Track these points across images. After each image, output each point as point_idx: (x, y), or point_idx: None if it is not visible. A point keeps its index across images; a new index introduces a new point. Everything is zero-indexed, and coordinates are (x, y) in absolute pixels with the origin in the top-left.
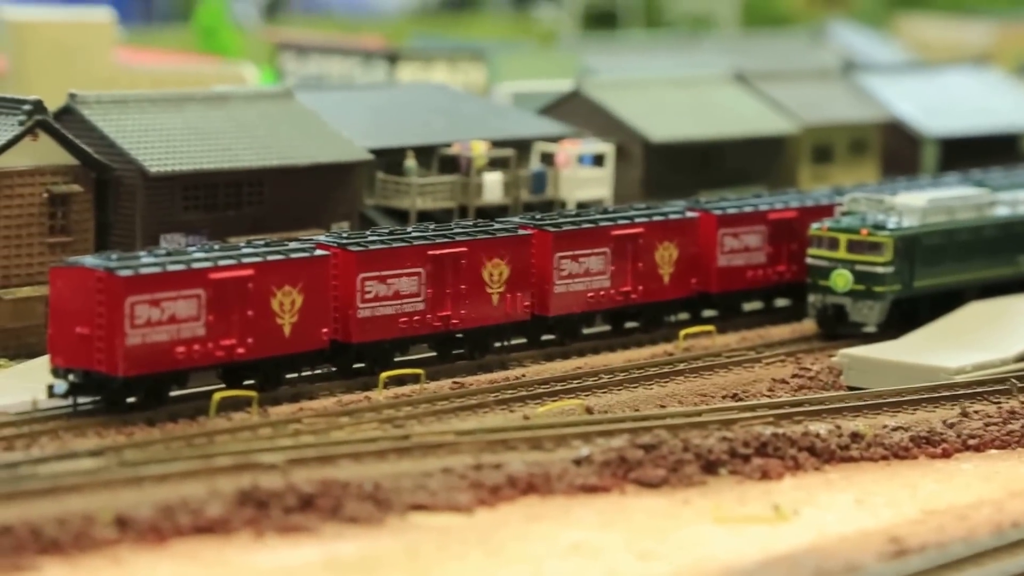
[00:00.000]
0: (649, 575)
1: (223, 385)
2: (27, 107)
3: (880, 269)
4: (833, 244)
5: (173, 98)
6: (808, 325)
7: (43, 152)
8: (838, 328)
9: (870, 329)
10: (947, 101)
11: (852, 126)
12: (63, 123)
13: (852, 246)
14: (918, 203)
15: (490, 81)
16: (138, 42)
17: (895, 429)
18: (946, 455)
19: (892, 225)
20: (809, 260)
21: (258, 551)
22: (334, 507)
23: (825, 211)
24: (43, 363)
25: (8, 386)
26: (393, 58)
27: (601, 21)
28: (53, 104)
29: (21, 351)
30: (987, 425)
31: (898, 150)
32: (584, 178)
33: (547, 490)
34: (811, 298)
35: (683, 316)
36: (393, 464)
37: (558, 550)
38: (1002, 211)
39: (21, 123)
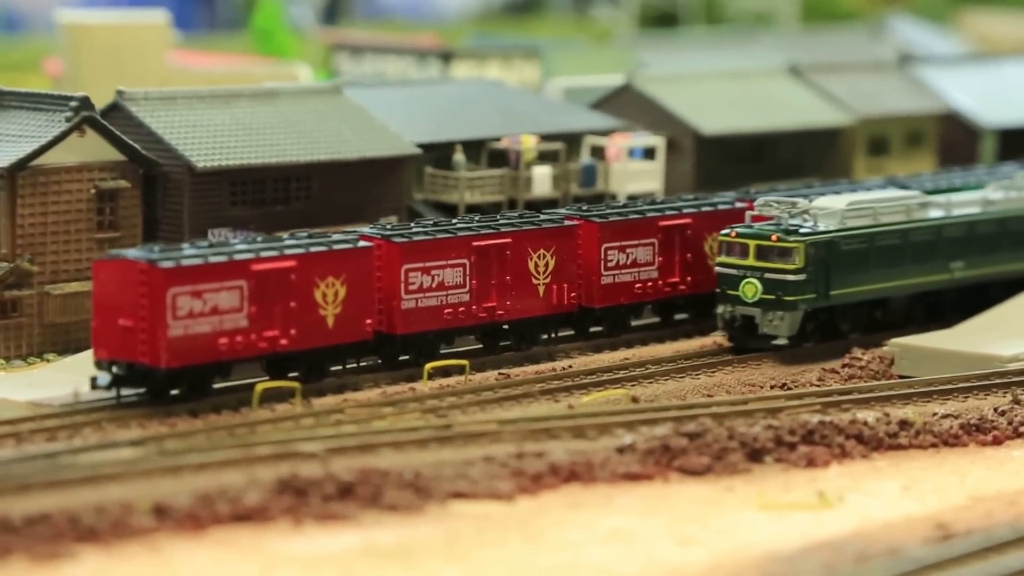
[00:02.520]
0: (688, 561)
1: (267, 377)
2: (74, 103)
3: (791, 277)
4: (743, 251)
5: (221, 94)
6: None
7: (90, 148)
8: (748, 341)
9: (781, 342)
10: (1005, 92)
11: (908, 118)
12: (111, 120)
13: (761, 253)
14: (836, 206)
15: (544, 79)
16: (196, 46)
17: (945, 417)
18: (997, 442)
19: (805, 230)
20: (717, 268)
21: (296, 539)
22: (374, 495)
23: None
24: (89, 357)
25: (54, 379)
26: (447, 57)
27: (661, 21)
28: None
29: (70, 346)
30: None
31: (955, 142)
32: (635, 171)
33: (589, 478)
34: (720, 308)
35: None
36: (434, 453)
37: (598, 536)
38: (934, 213)
39: (68, 119)
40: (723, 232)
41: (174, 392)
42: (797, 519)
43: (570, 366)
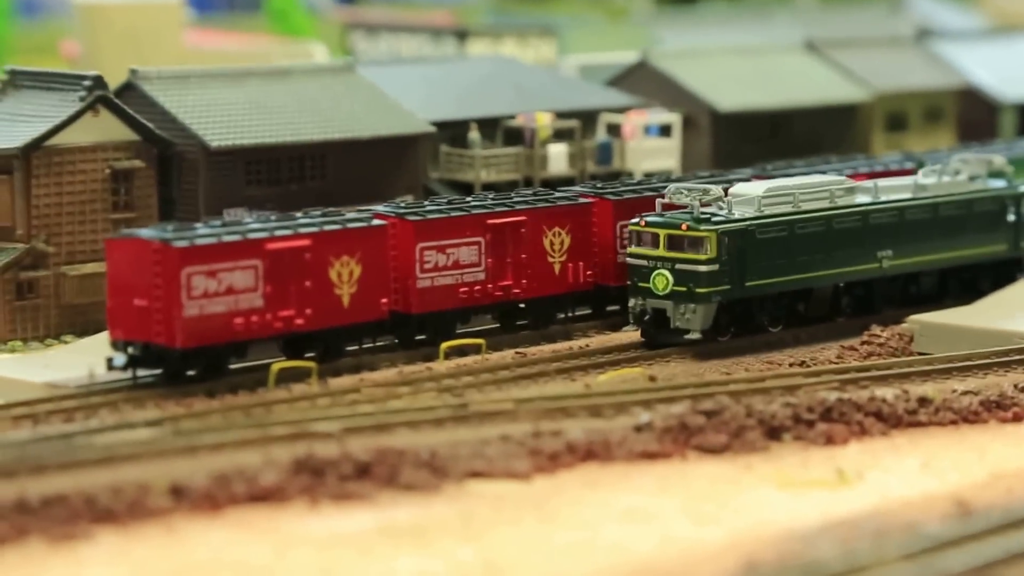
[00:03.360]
0: (705, 539)
1: (283, 357)
2: (87, 83)
3: (703, 268)
4: (654, 241)
5: (234, 73)
6: None
7: (104, 128)
8: (659, 336)
9: (694, 336)
10: None
11: (926, 93)
12: (125, 99)
13: (672, 243)
14: (753, 192)
15: (560, 56)
16: (212, 26)
17: (964, 393)
18: (1017, 419)
19: (719, 218)
20: (628, 260)
21: (312, 519)
22: (390, 475)
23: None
24: (106, 338)
25: (71, 360)
26: (462, 35)
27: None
28: None
29: (88, 327)
30: None
31: (974, 117)
32: (651, 149)
33: (606, 457)
34: (631, 302)
35: None
36: (451, 432)
37: (615, 515)
38: (861, 199)
39: (81, 99)
40: (632, 221)
41: (190, 372)
42: (816, 497)
43: (587, 345)
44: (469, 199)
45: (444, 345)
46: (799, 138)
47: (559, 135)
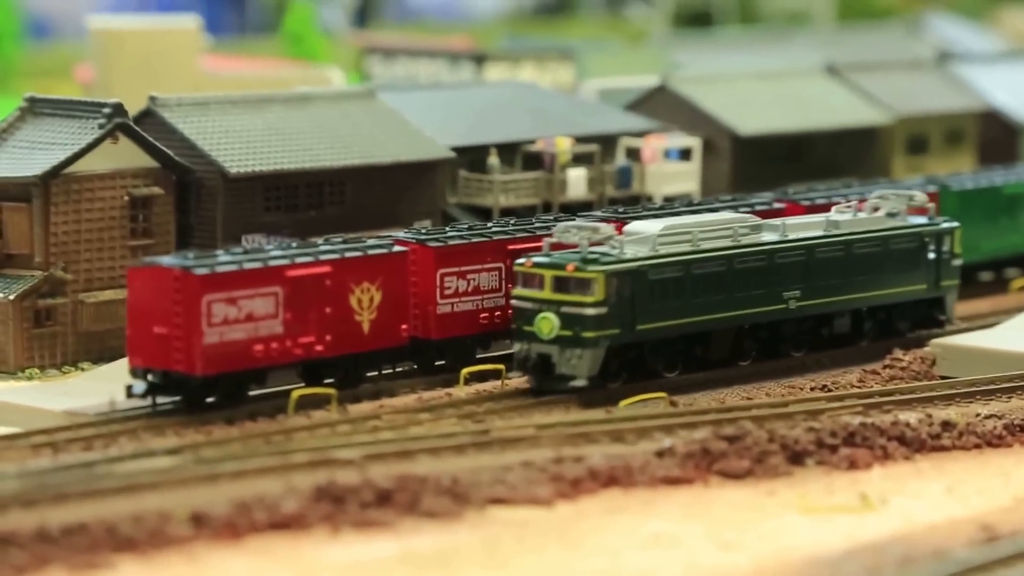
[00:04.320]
0: (730, 565)
1: (302, 383)
2: (107, 110)
3: (590, 311)
4: (540, 283)
5: (254, 99)
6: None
7: (123, 155)
8: (545, 382)
9: (580, 383)
10: None
11: (947, 116)
12: (144, 126)
13: (559, 284)
14: (649, 230)
15: (579, 80)
16: (227, 50)
17: (988, 417)
18: None
19: (609, 258)
20: (513, 302)
21: (334, 546)
22: (411, 502)
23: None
24: (124, 365)
25: (90, 388)
26: (480, 59)
27: (695, 21)
28: None
29: (105, 354)
30: None
31: (995, 140)
32: (671, 172)
33: (629, 482)
34: (515, 347)
35: None
36: (472, 458)
37: (638, 541)
38: (768, 238)
39: (101, 126)
40: (518, 261)
41: (210, 400)
42: (840, 522)
43: None
44: (490, 225)
45: (464, 371)
46: (819, 162)
47: (578, 159)
